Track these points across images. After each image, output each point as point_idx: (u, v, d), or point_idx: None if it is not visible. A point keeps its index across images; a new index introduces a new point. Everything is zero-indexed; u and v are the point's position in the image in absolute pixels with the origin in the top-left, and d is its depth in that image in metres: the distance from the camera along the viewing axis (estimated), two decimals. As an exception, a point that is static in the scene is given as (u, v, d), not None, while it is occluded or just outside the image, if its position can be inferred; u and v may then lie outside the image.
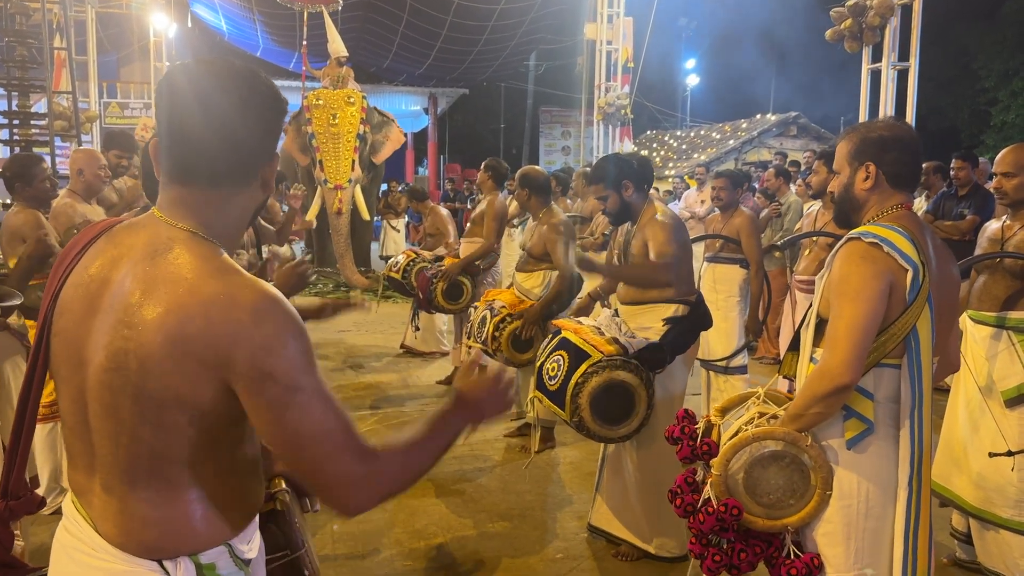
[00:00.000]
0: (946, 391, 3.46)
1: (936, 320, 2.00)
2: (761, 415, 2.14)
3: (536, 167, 5.34)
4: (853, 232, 2.05)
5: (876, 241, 1.97)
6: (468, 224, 6.46)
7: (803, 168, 10.21)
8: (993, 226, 3.27)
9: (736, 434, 2.10)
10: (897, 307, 1.95)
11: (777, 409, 2.15)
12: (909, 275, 1.93)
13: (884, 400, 2.01)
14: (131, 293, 1.20)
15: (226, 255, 1.26)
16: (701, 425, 2.23)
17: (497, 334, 4.58)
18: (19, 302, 3.27)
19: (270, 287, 1.23)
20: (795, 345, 2.24)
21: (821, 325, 2.08)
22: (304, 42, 10.79)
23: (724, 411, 2.28)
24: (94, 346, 1.22)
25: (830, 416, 2.01)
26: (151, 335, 1.16)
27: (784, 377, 2.36)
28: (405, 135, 11.62)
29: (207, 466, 1.24)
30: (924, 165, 6.90)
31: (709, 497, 2.07)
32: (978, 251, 3.31)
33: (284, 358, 1.18)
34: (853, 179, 2.14)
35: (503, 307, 4.66)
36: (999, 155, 3.20)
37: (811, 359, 2.11)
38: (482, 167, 6.13)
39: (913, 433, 1.96)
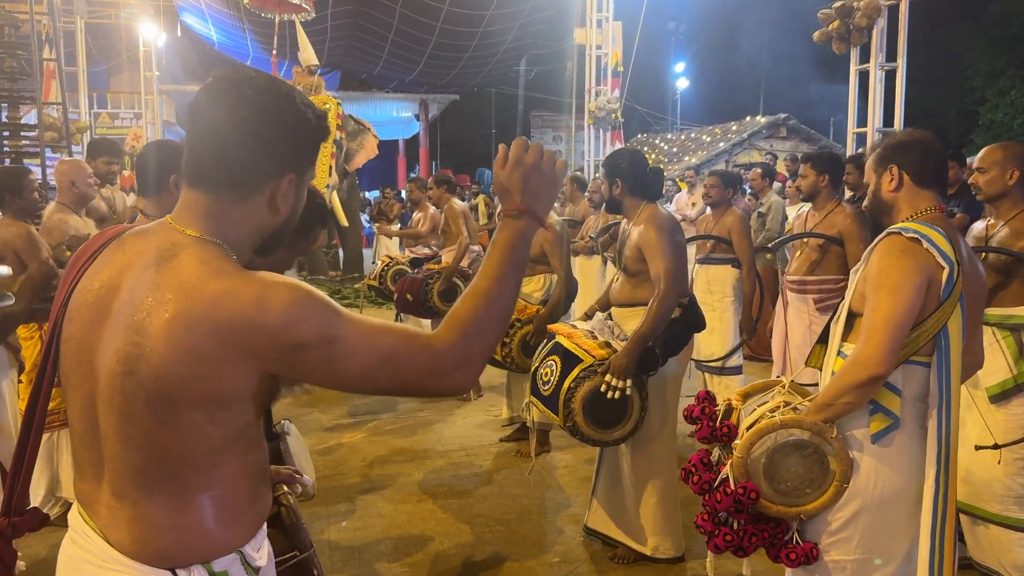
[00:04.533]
0: None
1: (967, 319, 2.03)
2: (786, 404, 2.16)
3: None
4: (892, 228, 2.10)
5: (916, 236, 2.02)
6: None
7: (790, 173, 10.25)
8: (978, 226, 3.34)
9: (757, 420, 2.12)
10: (932, 303, 1.99)
11: (801, 400, 2.18)
12: (945, 272, 1.98)
13: (911, 398, 2.04)
14: (139, 299, 1.20)
15: (230, 256, 1.24)
16: (721, 407, 2.24)
17: (507, 340, 4.57)
18: (10, 303, 3.23)
19: (266, 273, 1.21)
20: (823, 337, 2.27)
21: (851, 319, 2.12)
22: (274, 51, 10.86)
23: (746, 396, 2.30)
24: (105, 352, 1.22)
25: (859, 407, 2.04)
26: (160, 342, 1.16)
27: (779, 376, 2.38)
28: (379, 146, 11.69)
29: (222, 469, 1.24)
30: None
31: (727, 477, 2.07)
32: None
33: (305, 324, 1.17)
34: (880, 184, 2.21)
35: None
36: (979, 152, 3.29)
37: (839, 353, 2.13)
38: (432, 181, 6.68)
39: (941, 431, 1.99)
